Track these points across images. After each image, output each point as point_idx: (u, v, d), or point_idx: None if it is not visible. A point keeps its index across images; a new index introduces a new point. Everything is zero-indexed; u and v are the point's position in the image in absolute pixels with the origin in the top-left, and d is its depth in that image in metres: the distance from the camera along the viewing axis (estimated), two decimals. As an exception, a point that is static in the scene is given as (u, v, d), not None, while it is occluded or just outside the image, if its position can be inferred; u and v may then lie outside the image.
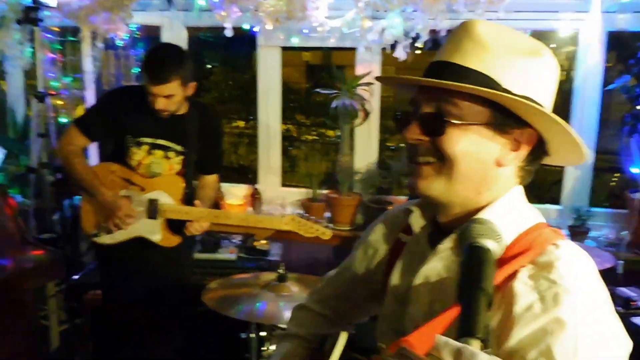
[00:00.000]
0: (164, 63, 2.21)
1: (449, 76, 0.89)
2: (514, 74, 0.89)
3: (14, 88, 3.72)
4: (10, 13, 3.17)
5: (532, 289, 0.82)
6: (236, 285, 2.36)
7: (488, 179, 0.92)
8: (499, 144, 0.90)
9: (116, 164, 2.42)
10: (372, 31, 2.89)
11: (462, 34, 0.92)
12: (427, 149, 0.91)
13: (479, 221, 0.83)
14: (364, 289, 1.21)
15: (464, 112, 0.88)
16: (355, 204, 3.31)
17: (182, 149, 2.45)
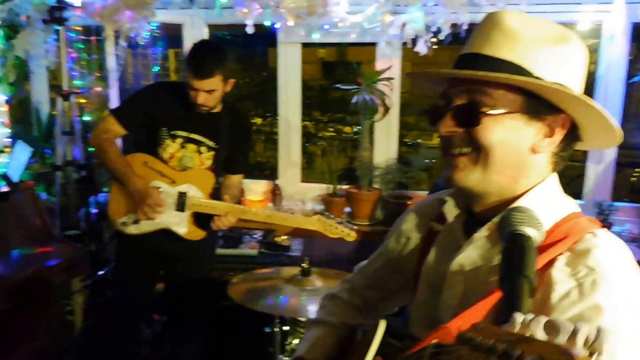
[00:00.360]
0: (208, 59, 2.27)
1: (480, 67, 0.89)
2: (544, 62, 0.89)
3: (38, 87, 3.77)
4: (35, 13, 3.22)
5: (570, 276, 0.83)
6: (259, 280, 2.40)
7: (523, 167, 0.93)
8: (534, 130, 0.91)
9: (148, 155, 2.46)
10: (393, 26, 2.89)
11: (490, 25, 0.92)
12: (462, 140, 0.92)
13: (520, 209, 0.83)
14: (395, 278, 1.22)
15: (498, 101, 0.89)
16: (375, 199, 3.32)
17: (214, 145, 2.49)
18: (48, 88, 3.78)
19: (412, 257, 1.16)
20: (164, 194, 2.42)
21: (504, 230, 0.82)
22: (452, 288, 0.99)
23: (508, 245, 0.79)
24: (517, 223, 0.80)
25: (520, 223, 0.80)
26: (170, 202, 2.43)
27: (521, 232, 0.79)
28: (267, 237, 3.23)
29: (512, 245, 0.78)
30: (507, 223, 0.82)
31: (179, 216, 2.44)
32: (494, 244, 0.94)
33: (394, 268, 1.22)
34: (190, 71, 2.28)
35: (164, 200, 2.41)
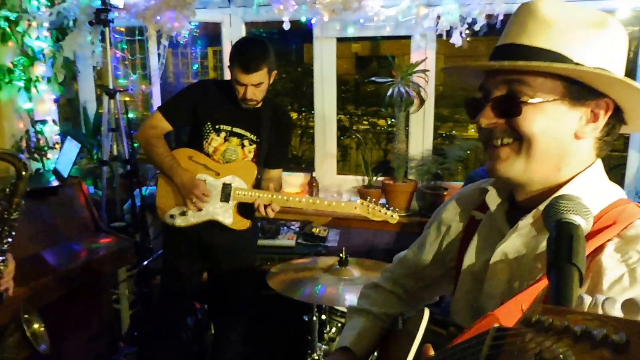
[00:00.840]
0: (253, 53, 2.35)
1: (518, 58, 0.89)
2: (583, 48, 0.88)
3: (85, 86, 3.93)
4: (82, 15, 3.36)
5: (620, 262, 0.82)
6: (297, 270, 2.43)
7: (567, 154, 0.92)
8: (576, 116, 0.90)
9: (192, 150, 2.55)
10: (428, 18, 2.90)
11: (525, 15, 0.91)
12: (504, 130, 0.92)
13: (567, 197, 0.80)
14: (436, 268, 1.22)
15: (538, 89, 0.88)
16: (411, 190, 3.34)
17: (256, 139, 2.57)
18: (94, 87, 3.93)
19: (453, 246, 1.16)
20: (209, 186, 2.51)
21: (550, 218, 0.79)
22: (496, 277, 0.98)
23: (555, 234, 0.76)
24: (564, 211, 0.78)
25: (568, 211, 0.78)
26: (216, 193, 2.52)
27: (569, 220, 0.77)
28: (305, 228, 3.29)
29: (559, 233, 0.76)
30: (553, 211, 0.79)
31: (224, 207, 2.52)
32: (539, 231, 0.93)
33: (435, 257, 1.22)
34: (237, 66, 2.35)
35: (210, 192, 2.50)
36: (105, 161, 3.43)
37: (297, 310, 2.58)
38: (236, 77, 2.38)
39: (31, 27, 3.29)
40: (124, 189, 3.53)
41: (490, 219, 1.06)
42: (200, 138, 2.54)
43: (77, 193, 3.07)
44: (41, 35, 3.35)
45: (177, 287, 2.74)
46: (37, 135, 3.42)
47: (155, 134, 2.52)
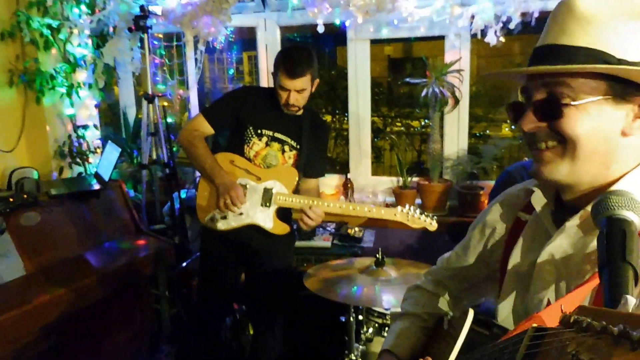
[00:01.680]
0: (299, 59, 2.40)
1: (556, 59, 0.87)
2: (625, 41, 0.85)
3: (125, 92, 4.03)
4: (121, 22, 3.45)
5: None
6: (333, 270, 2.44)
7: (615, 152, 0.89)
8: (622, 114, 0.87)
9: (234, 154, 2.58)
10: (462, 17, 2.87)
11: (563, 12, 0.89)
12: (547, 133, 0.90)
13: (617, 193, 0.77)
14: (481, 269, 1.22)
15: (579, 90, 0.86)
16: (446, 190, 3.31)
17: (296, 145, 2.60)
18: (134, 92, 4.03)
19: (497, 248, 1.15)
20: (251, 190, 2.53)
21: (600, 215, 0.76)
22: (542, 278, 0.96)
23: (607, 231, 0.73)
24: (615, 207, 0.75)
25: (619, 207, 0.74)
26: (257, 198, 2.53)
27: (621, 216, 0.73)
28: (340, 229, 3.29)
29: (611, 230, 0.72)
30: (604, 207, 0.76)
31: (265, 211, 2.53)
32: (587, 232, 0.91)
33: (479, 259, 1.21)
34: (283, 71, 2.40)
35: (249, 196, 2.51)
36: (145, 165, 3.50)
37: (334, 310, 2.58)
38: (280, 82, 2.42)
39: (73, 35, 3.39)
40: (163, 192, 3.60)
41: (536, 220, 1.04)
42: (242, 142, 2.57)
43: (118, 196, 3.15)
44: (82, 42, 3.46)
45: (216, 288, 2.77)
46: (79, 140, 3.52)
47: (197, 136, 2.56)
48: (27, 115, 3.41)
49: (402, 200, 3.39)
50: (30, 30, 3.24)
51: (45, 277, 2.51)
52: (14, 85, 3.30)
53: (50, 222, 2.71)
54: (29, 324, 2.31)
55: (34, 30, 3.25)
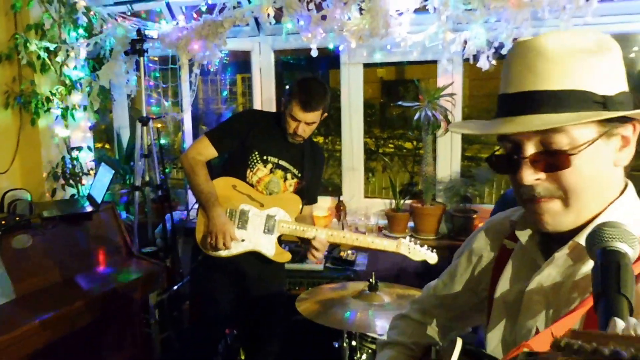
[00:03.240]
0: (315, 94, 2.42)
1: (542, 107, 0.84)
2: (602, 77, 0.85)
3: (120, 114, 4.05)
4: (118, 46, 3.48)
5: None
6: (326, 295, 2.41)
7: (609, 185, 0.90)
8: (612, 147, 0.87)
9: (237, 179, 2.55)
10: (455, 43, 2.91)
11: (532, 56, 0.87)
12: (548, 184, 0.88)
13: (610, 224, 0.77)
14: (468, 298, 1.19)
15: (575, 136, 0.84)
16: (439, 213, 3.33)
17: (298, 173, 2.61)
18: (128, 114, 4.05)
19: (485, 276, 1.13)
20: (253, 217, 2.51)
21: (594, 246, 0.76)
22: (531, 308, 0.95)
23: (601, 263, 0.72)
24: (609, 239, 0.74)
25: (613, 239, 0.74)
26: (259, 224, 2.51)
27: (615, 248, 0.73)
28: (333, 252, 3.29)
29: (605, 262, 0.72)
30: (598, 239, 0.75)
31: (267, 239, 2.51)
32: (576, 260, 0.91)
33: (467, 288, 1.19)
34: (298, 103, 2.41)
35: (251, 223, 2.49)
36: (138, 186, 3.49)
37: (328, 335, 2.56)
38: (292, 112, 2.43)
39: (69, 57, 3.42)
40: (155, 214, 3.59)
41: (522, 248, 1.02)
42: (245, 167, 2.55)
43: (110, 218, 3.12)
44: (79, 65, 3.48)
45: (210, 313, 2.73)
46: (72, 162, 3.52)
47: (200, 160, 2.52)
48: (21, 137, 3.42)
49: (395, 223, 3.40)
50: (28, 52, 3.26)
51: (36, 300, 2.48)
52: (10, 107, 3.31)
53: (42, 245, 2.69)
54: (19, 349, 2.27)
55: (32, 53, 3.27)
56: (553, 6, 2.60)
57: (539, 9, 2.62)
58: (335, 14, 2.96)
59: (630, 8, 2.86)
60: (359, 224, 3.56)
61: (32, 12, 3.31)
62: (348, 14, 2.97)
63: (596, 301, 0.69)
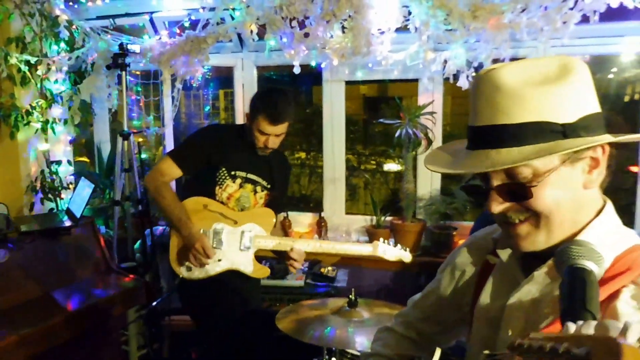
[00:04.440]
0: (282, 105, 2.39)
1: (504, 141, 0.87)
2: (562, 104, 0.86)
3: (101, 128, 4.02)
4: (100, 60, 3.47)
5: (637, 309, 0.81)
6: (306, 311, 2.39)
7: (582, 206, 0.92)
8: (579, 170, 0.90)
9: (207, 199, 2.49)
10: (435, 62, 2.95)
11: (490, 90, 0.89)
12: (517, 210, 0.91)
13: (578, 242, 0.81)
14: (452, 312, 1.22)
15: (537, 165, 0.87)
16: (420, 230, 3.34)
17: (267, 185, 2.58)
18: (110, 128, 4.02)
19: (467, 290, 1.15)
20: (228, 235, 2.47)
21: (562, 264, 0.79)
22: (512, 323, 0.97)
23: (568, 280, 0.76)
24: (576, 257, 0.78)
25: (580, 257, 0.78)
26: (234, 242, 2.47)
27: (581, 265, 0.77)
28: (313, 268, 3.28)
29: (572, 279, 0.75)
30: (565, 257, 0.79)
31: (244, 256, 2.48)
32: (554, 278, 0.92)
33: (450, 302, 1.21)
34: (265, 117, 2.37)
35: (226, 241, 2.45)
36: (118, 201, 3.46)
37: (308, 352, 2.55)
38: (260, 126, 2.40)
39: (50, 71, 3.40)
40: (135, 229, 3.55)
41: (503, 266, 1.05)
42: (213, 184, 2.51)
43: (89, 233, 3.08)
44: (60, 78, 3.46)
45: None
46: (51, 176, 3.48)
47: (164, 181, 2.47)
48: (0, 150, 3.36)
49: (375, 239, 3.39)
50: (8, 65, 3.24)
51: (13, 316, 2.43)
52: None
53: (19, 260, 2.65)
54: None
55: (12, 66, 3.25)
56: (531, 28, 2.66)
57: (518, 30, 2.67)
58: (318, 31, 3.00)
59: (607, 31, 2.92)
60: (340, 241, 3.56)
61: (13, 25, 3.29)
62: (330, 32, 3.01)
63: (563, 316, 0.72)
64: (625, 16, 2.81)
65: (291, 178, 2.92)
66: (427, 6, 2.76)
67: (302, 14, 3.00)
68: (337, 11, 2.91)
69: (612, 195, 0.99)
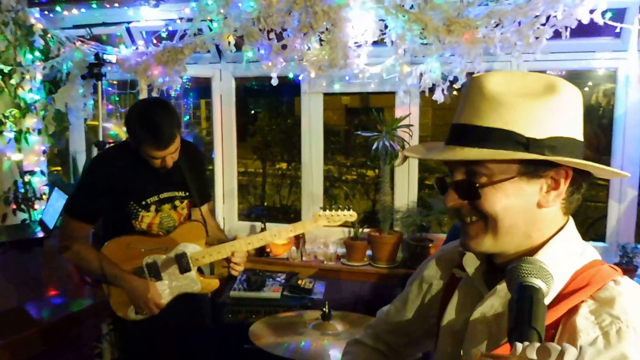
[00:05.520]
0: (166, 125, 2.11)
1: (471, 141, 0.90)
2: (534, 120, 0.88)
3: (76, 138, 3.97)
4: (75, 69, 3.44)
5: (595, 325, 0.83)
6: (281, 324, 2.39)
7: (534, 223, 0.93)
8: (537, 188, 0.91)
9: (127, 236, 2.26)
10: (411, 76, 2.98)
11: (475, 93, 0.93)
12: (469, 210, 0.95)
13: (528, 260, 0.82)
14: (419, 325, 1.22)
15: (494, 171, 0.90)
16: (396, 242, 3.35)
17: (185, 194, 2.40)
18: (85, 139, 3.97)
19: (434, 303, 1.16)
20: (164, 265, 2.29)
21: (512, 282, 0.81)
22: (475, 337, 0.98)
23: (516, 298, 0.77)
24: (525, 275, 0.80)
25: (529, 275, 0.80)
26: (173, 269, 2.29)
27: (530, 283, 0.79)
28: (290, 280, 3.27)
29: (520, 297, 0.77)
30: (515, 275, 0.81)
31: (187, 277, 2.31)
32: None
33: (417, 314, 1.22)
34: (151, 145, 2.12)
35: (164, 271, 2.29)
36: (92, 212, 3.40)
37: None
38: (149, 153, 2.15)
39: (25, 80, 3.36)
40: (110, 240, 3.50)
41: (469, 280, 1.06)
42: (128, 219, 2.26)
43: (63, 244, 3.05)
44: (34, 87, 3.42)
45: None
46: (25, 186, 3.43)
47: (79, 242, 2.22)
48: (-28, 160, 3.32)
49: (353, 251, 3.41)
50: (-20, 74, 3.20)
51: (-17, 329, 2.39)
52: (-39, 129, 3.22)
53: (-12, 272, 2.60)
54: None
55: (-16, 75, 3.21)
56: (504, 43, 2.69)
57: (492, 45, 2.71)
58: (296, 44, 3.01)
59: (580, 46, 2.98)
60: (318, 252, 3.55)
61: (-14, 34, 3.26)
62: (308, 44, 3.03)
63: (510, 334, 0.74)
64: (597, 32, 2.87)
65: (272, 189, 2.85)
66: (403, 20, 2.78)
67: (280, 26, 3.01)
68: (314, 24, 2.93)
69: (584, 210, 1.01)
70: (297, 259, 3.51)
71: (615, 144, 3.11)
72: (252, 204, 6.03)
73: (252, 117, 5.94)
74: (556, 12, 2.56)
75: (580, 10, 2.53)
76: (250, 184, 6.16)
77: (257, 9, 2.98)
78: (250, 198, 6.11)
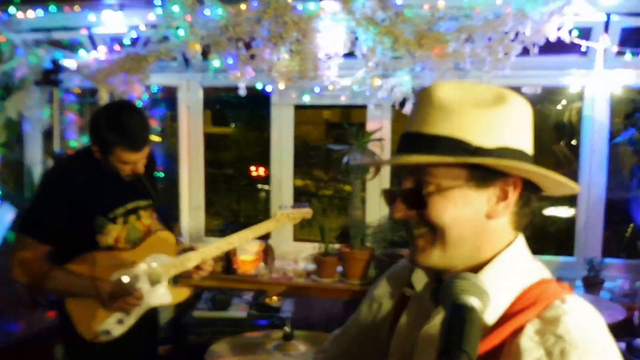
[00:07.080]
0: (139, 126, 2.07)
1: (419, 148, 0.90)
2: (482, 129, 0.88)
3: (32, 148, 3.79)
4: (30, 75, 3.27)
5: (539, 345, 0.82)
6: (244, 344, 2.31)
7: (483, 235, 0.92)
8: (485, 198, 0.90)
9: (94, 253, 2.14)
10: (382, 89, 2.95)
11: (425, 102, 0.93)
12: (417, 221, 0.93)
13: (462, 277, 0.80)
14: (370, 346, 1.19)
15: (441, 179, 0.89)
16: (367, 258, 3.29)
17: (148, 202, 2.32)
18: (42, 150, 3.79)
19: (384, 324, 1.14)
20: (134, 279, 2.18)
21: (445, 300, 0.78)
22: (423, 357, 0.96)
23: (449, 317, 0.75)
24: (459, 292, 0.77)
25: (463, 292, 0.77)
26: (144, 282, 2.20)
27: (463, 302, 0.75)
28: (258, 299, 3.19)
29: (452, 317, 0.74)
30: (448, 292, 0.78)
31: (158, 290, 2.23)
32: None
33: (368, 336, 1.19)
34: (125, 147, 2.03)
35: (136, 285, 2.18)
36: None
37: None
38: (121, 157, 2.05)
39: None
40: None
41: (418, 298, 1.05)
42: (92, 234, 2.13)
43: (12, 263, 2.90)
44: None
45: None
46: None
47: (38, 263, 2.06)
48: None
49: (323, 267, 3.34)
50: None
51: None
52: None
53: None
54: None
55: None
56: (474, 58, 2.70)
57: (462, 60, 2.71)
58: (265, 54, 2.94)
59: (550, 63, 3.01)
60: (288, 269, 3.46)
61: None
62: (277, 54, 2.96)
63: (440, 356, 0.71)
64: (566, 50, 2.90)
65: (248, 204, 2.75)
66: (374, 33, 2.75)
67: (249, 35, 2.94)
68: (284, 34, 2.88)
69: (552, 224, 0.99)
70: (265, 275, 3.41)
71: (583, 162, 3.14)
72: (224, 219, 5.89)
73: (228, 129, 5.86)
74: (525, 29, 2.59)
75: (548, 27, 2.56)
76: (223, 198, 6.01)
77: (225, 17, 2.90)
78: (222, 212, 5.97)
